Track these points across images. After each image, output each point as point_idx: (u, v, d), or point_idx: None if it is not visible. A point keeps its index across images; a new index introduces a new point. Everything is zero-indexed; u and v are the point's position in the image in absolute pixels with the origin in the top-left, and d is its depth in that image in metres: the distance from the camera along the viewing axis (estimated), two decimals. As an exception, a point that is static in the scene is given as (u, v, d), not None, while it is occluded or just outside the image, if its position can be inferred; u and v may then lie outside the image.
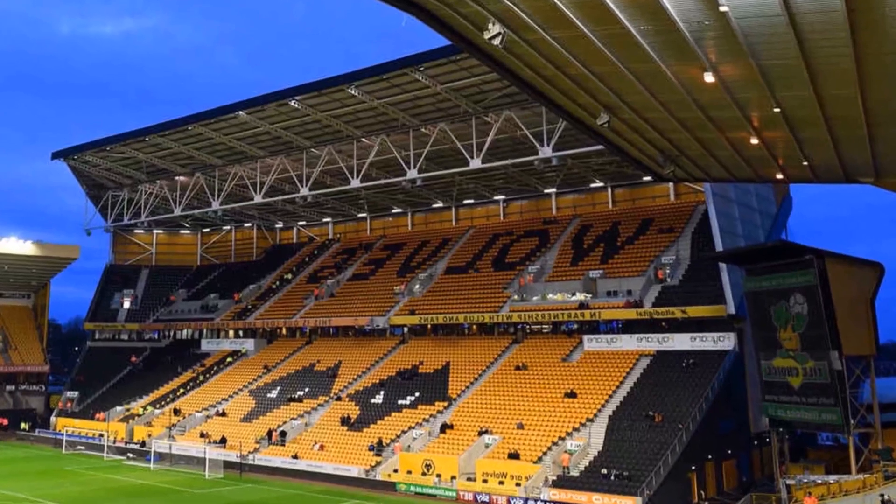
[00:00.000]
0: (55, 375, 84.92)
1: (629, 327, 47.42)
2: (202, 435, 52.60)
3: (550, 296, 51.49)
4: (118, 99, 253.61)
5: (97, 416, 62.45)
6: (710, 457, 38.66)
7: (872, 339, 36.77)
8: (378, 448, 44.32)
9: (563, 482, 36.46)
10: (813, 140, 23.43)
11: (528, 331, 52.82)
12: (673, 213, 55.85)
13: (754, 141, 23.90)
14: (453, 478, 39.48)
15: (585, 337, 48.47)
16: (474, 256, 62.22)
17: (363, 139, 53.61)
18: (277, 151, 58.49)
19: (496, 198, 67.56)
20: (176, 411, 58.15)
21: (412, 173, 50.00)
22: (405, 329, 58.56)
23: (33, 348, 75.13)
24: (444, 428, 44.48)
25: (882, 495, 30.31)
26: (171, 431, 54.47)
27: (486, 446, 41.42)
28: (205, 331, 71.88)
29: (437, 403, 47.80)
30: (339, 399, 52.82)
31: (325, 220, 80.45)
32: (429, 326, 57.59)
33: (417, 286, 61.29)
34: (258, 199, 58.90)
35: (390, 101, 47.76)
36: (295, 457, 46.42)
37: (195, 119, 55.50)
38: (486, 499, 37.32)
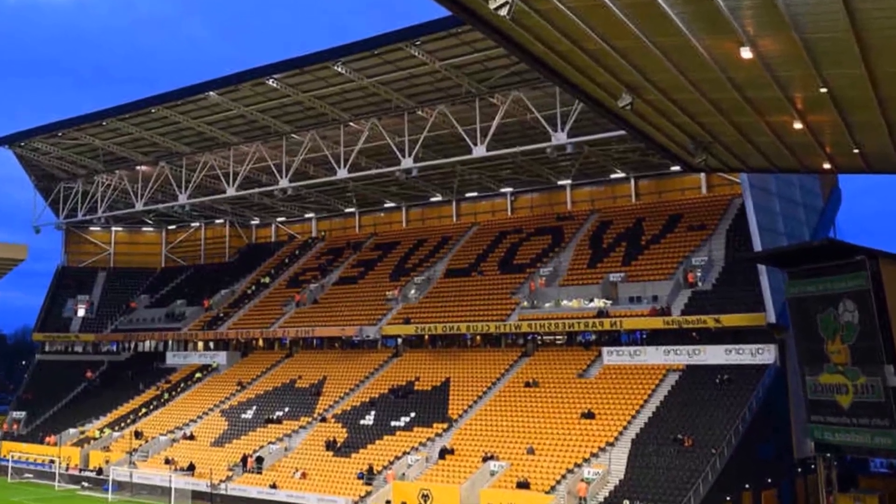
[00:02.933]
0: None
1: (655, 338, 47.50)
2: (167, 461, 52.68)
3: (565, 302, 51.57)
4: (71, 77, 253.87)
5: (47, 439, 62.50)
6: (747, 486, 38.71)
7: (933, 352, 36.68)
8: (368, 476, 44.39)
9: (579, 515, 36.54)
10: (864, 124, 23.46)
11: (539, 342, 52.91)
12: (705, 208, 55.95)
13: (798, 125, 23.92)
14: (454, 510, 39.54)
15: (605, 349, 48.54)
16: (478, 257, 62.34)
17: (351, 123, 53.69)
18: (253, 138, 58.58)
19: (503, 190, 67.68)
20: (137, 434, 58.23)
21: (407, 162, 50.06)
22: (399, 340, 58.63)
23: (-26, 362, 75.26)
24: (444, 453, 44.55)
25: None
26: (132, 457, 54.53)
27: (492, 474, 41.48)
28: (170, 342, 71.96)
29: (435, 425, 47.89)
30: (323, 420, 52.91)
31: (307, 215, 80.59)
32: (426, 337, 57.67)
33: (413, 291, 61.38)
34: (231, 191, 59.00)
35: (382, 79, 47.84)
36: (273, 486, 46.48)
37: (159, 100, 55.59)
38: (492, 534, 37.41)
